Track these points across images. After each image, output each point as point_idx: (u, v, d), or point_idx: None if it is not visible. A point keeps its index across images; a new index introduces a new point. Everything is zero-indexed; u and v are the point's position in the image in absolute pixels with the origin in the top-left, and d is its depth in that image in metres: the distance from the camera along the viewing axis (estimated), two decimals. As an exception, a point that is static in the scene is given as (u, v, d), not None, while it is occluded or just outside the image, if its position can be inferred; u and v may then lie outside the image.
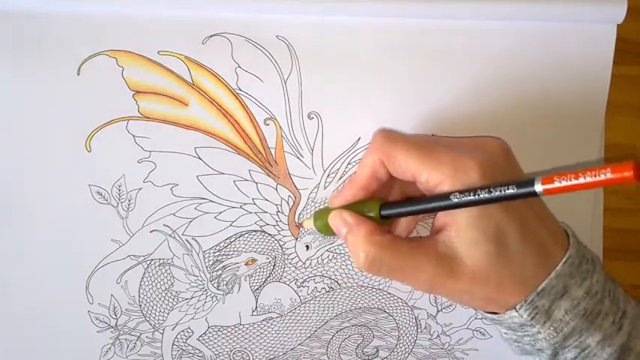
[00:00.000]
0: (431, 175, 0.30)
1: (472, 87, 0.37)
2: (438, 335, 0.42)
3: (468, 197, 0.29)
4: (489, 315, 0.33)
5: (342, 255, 0.40)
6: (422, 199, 0.32)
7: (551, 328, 0.31)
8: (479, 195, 0.29)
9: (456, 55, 0.36)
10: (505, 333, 0.33)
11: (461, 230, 0.30)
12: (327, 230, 0.35)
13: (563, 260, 0.31)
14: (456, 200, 0.29)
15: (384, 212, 0.33)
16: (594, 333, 0.31)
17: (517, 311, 0.31)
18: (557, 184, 0.26)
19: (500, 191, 0.28)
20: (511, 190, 0.28)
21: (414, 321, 0.41)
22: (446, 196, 0.30)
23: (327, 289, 0.41)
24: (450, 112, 0.37)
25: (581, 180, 0.25)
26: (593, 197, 0.39)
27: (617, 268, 0.39)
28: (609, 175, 0.24)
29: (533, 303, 0.31)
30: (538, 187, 0.27)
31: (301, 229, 0.39)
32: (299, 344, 0.42)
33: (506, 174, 0.31)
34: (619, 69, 0.36)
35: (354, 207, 0.34)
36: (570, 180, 0.26)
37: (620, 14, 0.35)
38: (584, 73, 0.37)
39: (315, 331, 0.42)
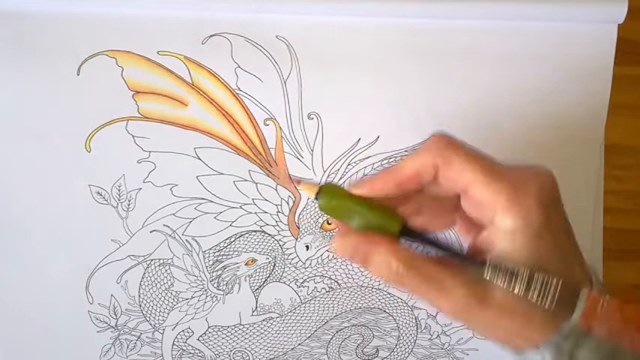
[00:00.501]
0: (486, 189, 0.29)
1: (472, 87, 0.37)
2: (438, 335, 0.42)
3: (501, 277, 0.28)
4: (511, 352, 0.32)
5: (342, 255, 0.40)
6: (453, 249, 0.30)
7: None
8: (512, 285, 0.28)
9: (456, 55, 0.36)
10: None
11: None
12: (332, 212, 0.30)
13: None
14: (488, 273, 0.28)
15: (405, 236, 0.30)
16: None
17: (539, 350, 0.30)
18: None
19: (540, 297, 0.28)
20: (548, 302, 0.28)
21: (414, 321, 0.41)
22: (482, 262, 0.28)
23: (327, 289, 0.41)
24: (450, 112, 0.37)
25: None
26: (593, 197, 0.39)
27: (617, 268, 0.39)
28: None
29: (559, 345, 0.29)
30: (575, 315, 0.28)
31: (298, 187, 0.34)
32: (299, 344, 0.42)
33: (557, 209, 0.30)
34: (619, 69, 0.36)
35: (374, 212, 0.29)
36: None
37: (620, 14, 0.35)
38: (585, 73, 0.37)
39: (315, 331, 0.42)
